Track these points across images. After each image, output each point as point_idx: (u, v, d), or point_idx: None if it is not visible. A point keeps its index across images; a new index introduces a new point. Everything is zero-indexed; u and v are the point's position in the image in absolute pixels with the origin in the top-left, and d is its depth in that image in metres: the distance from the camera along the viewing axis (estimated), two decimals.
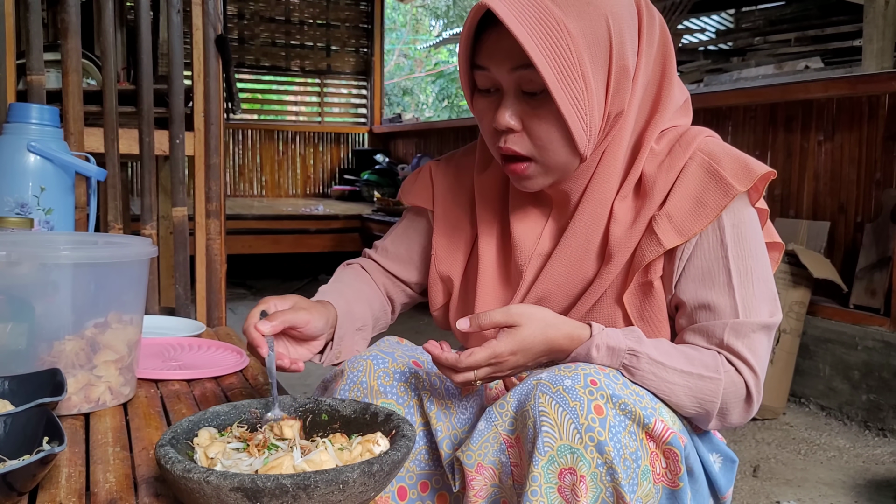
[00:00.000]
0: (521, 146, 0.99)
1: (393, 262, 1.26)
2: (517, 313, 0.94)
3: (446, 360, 0.92)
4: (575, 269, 1.06)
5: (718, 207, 0.98)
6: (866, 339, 2.53)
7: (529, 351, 0.94)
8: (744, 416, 1.00)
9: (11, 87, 1.87)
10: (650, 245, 1.00)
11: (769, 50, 4.17)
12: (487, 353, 0.92)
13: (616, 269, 1.03)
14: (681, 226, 0.99)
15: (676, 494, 0.93)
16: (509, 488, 0.95)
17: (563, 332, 0.95)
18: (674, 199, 1.00)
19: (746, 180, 0.98)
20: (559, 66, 0.93)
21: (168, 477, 0.75)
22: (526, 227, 1.11)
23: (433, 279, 1.20)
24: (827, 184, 2.99)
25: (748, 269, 0.99)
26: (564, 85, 0.93)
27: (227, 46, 2.04)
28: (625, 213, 1.03)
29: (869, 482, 2.08)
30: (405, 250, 1.26)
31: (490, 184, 1.16)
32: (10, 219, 1.40)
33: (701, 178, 1.00)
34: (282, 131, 6.67)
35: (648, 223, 1.01)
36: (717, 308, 0.99)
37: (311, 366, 3.44)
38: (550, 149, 0.99)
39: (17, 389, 0.98)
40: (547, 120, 0.97)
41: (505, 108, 0.98)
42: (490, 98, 1.02)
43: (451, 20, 12.84)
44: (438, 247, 1.19)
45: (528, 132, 0.99)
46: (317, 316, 1.06)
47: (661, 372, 0.95)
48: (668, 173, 1.01)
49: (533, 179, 1.02)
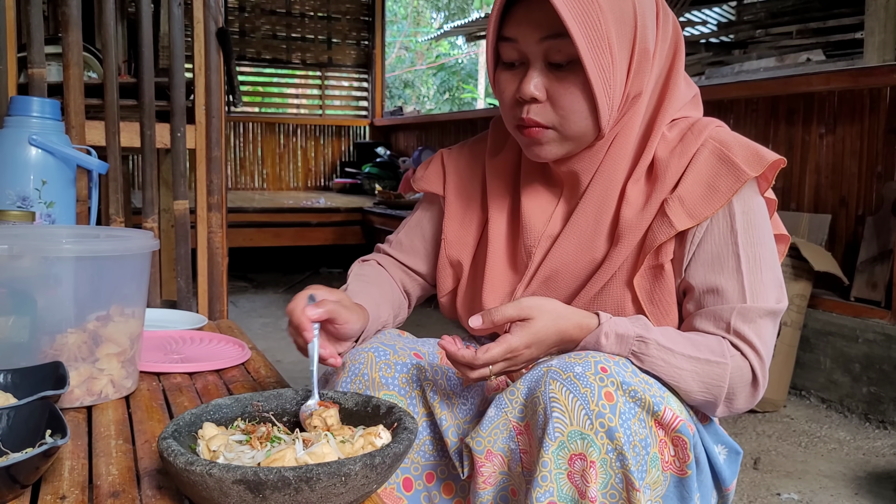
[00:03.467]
0: (544, 117, 1.01)
1: (408, 255, 1.26)
2: (528, 306, 0.94)
3: (463, 357, 0.92)
4: (583, 250, 1.07)
5: (730, 192, 0.99)
6: (867, 332, 2.53)
7: (543, 343, 0.95)
8: (750, 401, 1.01)
9: (13, 81, 1.87)
10: (662, 227, 1.01)
11: (771, 42, 4.15)
12: (503, 348, 0.92)
13: (626, 251, 1.04)
14: (692, 209, 1.00)
15: (684, 482, 0.93)
16: (518, 475, 0.95)
17: (573, 322, 0.96)
18: (686, 184, 1.01)
19: (758, 166, 1.00)
20: (590, 37, 0.95)
21: (171, 469, 0.75)
22: (536, 208, 1.12)
23: (442, 264, 1.20)
24: (828, 177, 2.98)
25: (757, 255, 1.01)
26: (594, 55, 0.96)
27: (228, 39, 2.03)
28: (636, 196, 1.04)
29: (869, 474, 2.09)
30: (420, 241, 1.26)
31: (501, 167, 1.17)
32: (11, 212, 1.40)
33: (713, 163, 1.01)
34: (283, 124, 6.66)
35: (660, 206, 1.02)
36: (725, 292, 1.00)
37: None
38: (573, 119, 1.00)
39: (20, 382, 0.99)
40: (573, 90, 0.99)
41: (530, 77, 1.00)
42: (514, 71, 1.03)
43: (452, 13, 12.81)
44: (449, 231, 1.20)
45: (553, 102, 1.00)
46: (355, 318, 1.05)
47: (669, 358, 0.96)
48: (680, 158, 1.03)
49: (547, 146, 1.03)
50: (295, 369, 3.03)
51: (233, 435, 0.85)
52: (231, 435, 0.85)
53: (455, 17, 12.26)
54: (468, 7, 12.64)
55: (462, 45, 12.43)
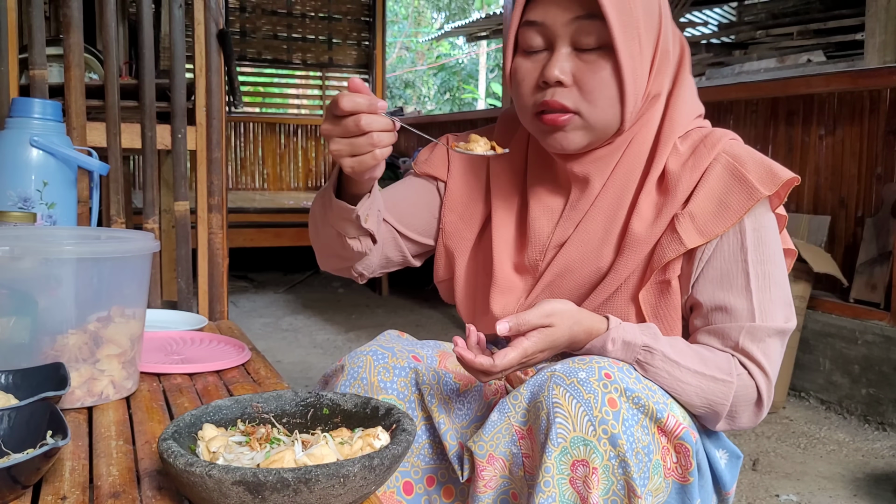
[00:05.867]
0: (569, 100, 0.99)
1: (387, 211, 1.17)
2: (550, 313, 0.93)
3: (481, 365, 0.91)
4: (590, 257, 1.06)
5: (742, 210, 0.98)
6: (866, 334, 2.53)
7: (556, 347, 0.95)
8: (753, 420, 1.01)
9: (14, 82, 1.87)
10: (671, 243, 1.00)
11: (771, 43, 4.16)
12: (519, 353, 0.92)
13: (632, 262, 1.02)
14: (703, 226, 0.99)
15: (686, 489, 0.93)
16: (520, 479, 0.95)
17: (584, 328, 0.96)
18: (697, 199, 1.00)
19: (771, 184, 0.99)
20: (623, 21, 0.95)
21: (170, 471, 0.76)
22: (544, 211, 1.10)
23: (439, 252, 1.19)
24: (828, 178, 2.98)
25: (766, 273, 0.99)
26: (626, 41, 0.96)
27: (228, 41, 2.04)
28: (648, 208, 1.03)
29: (868, 476, 2.09)
30: (410, 206, 1.19)
31: (507, 165, 1.14)
32: (13, 213, 1.41)
33: (725, 179, 1.00)
34: (284, 124, 6.67)
35: (670, 221, 1.01)
36: (733, 310, 0.99)
37: (311, 360, 3.44)
38: (599, 105, 0.98)
39: (21, 383, 0.99)
40: (601, 75, 0.97)
41: (556, 60, 0.98)
42: (535, 57, 1.01)
43: (452, 13, 12.81)
44: (447, 222, 1.18)
45: (580, 86, 0.98)
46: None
47: (674, 370, 0.95)
48: (692, 172, 1.01)
49: (571, 134, 1.00)
50: (295, 370, 3.04)
51: (232, 436, 0.86)
52: (231, 436, 0.86)
53: (456, 18, 12.26)
54: (469, 7, 12.64)
55: (463, 45, 12.44)
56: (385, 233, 1.16)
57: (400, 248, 1.19)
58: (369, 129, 0.88)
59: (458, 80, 12.65)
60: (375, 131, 0.89)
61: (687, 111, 1.06)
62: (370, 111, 0.88)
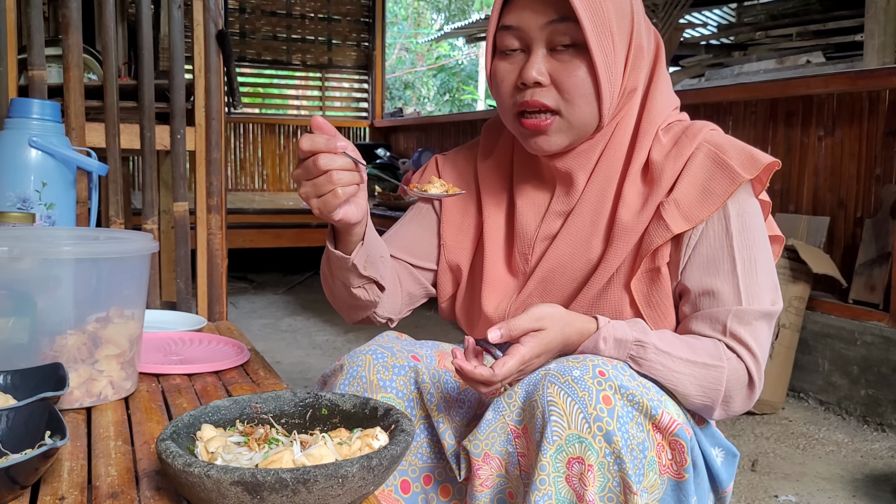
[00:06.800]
0: (549, 98, 1.02)
1: (397, 249, 1.20)
2: (539, 316, 0.94)
3: (481, 375, 0.92)
4: (580, 250, 1.07)
5: (725, 194, 1.00)
6: (865, 335, 2.53)
7: (551, 351, 0.96)
8: (746, 403, 1.02)
9: (13, 83, 1.88)
10: (658, 230, 1.02)
11: (771, 44, 4.16)
12: (517, 360, 0.92)
13: (622, 251, 1.04)
14: (688, 212, 1.01)
15: (681, 486, 0.94)
16: (516, 478, 0.96)
17: (575, 329, 0.97)
18: (681, 187, 1.02)
19: (752, 169, 1.01)
20: (595, 22, 0.98)
21: (169, 471, 0.76)
22: (530, 208, 1.12)
23: (443, 269, 1.20)
24: (827, 179, 2.99)
25: (752, 257, 1.01)
26: (598, 40, 0.98)
27: (227, 42, 2.04)
28: (633, 198, 1.05)
29: (867, 476, 2.09)
30: (413, 241, 1.22)
31: (494, 169, 1.17)
32: (11, 214, 1.41)
33: (708, 166, 1.02)
34: (283, 125, 6.67)
35: (656, 209, 1.03)
36: (720, 295, 1.01)
37: (310, 361, 3.44)
38: (577, 103, 1.01)
39: (20, 384, 0.99)
40: (577, 74, 1.00)
41: (533, 62, 1.01)
42: (513, 58, 1.04)
43: (452, 14, 12.81)
44: (447, 236, 1.20)
45: (558, 85, 1.01)
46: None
47: (667, 361, 0.96)
48: (675, 162, 1.04)
49: (552, 136, 1.04)
50: (294, 371, 3.04)
51: (231, 437, 0.86)
52: (229, 437, 0.86)
53: (455, 19, 12.27)
54: (468, 8, 12.65)
55: (462, 46, 12.44)
56: (400, 270, 1.20)
57: (419, 282, 1.22)
58: (327, 168, 0.90)
59: (457, 81, 12.66)
60: (335, 170, 0.90)
61: (664, 104, 1.09)
62: (328, 150, 0.89)
